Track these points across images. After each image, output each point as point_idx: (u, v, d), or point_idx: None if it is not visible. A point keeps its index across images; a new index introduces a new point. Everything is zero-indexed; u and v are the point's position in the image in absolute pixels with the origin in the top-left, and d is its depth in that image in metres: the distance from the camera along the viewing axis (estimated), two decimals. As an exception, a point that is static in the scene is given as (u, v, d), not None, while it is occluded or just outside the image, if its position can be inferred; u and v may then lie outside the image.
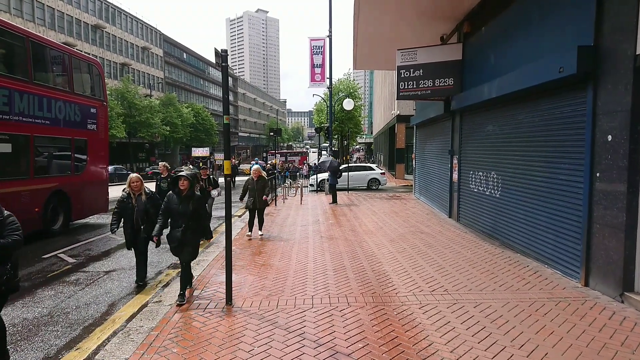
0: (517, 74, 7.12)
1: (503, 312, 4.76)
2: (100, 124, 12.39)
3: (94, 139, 12.09)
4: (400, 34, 12.54)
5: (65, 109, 10.73)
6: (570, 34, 5.95)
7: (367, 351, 3.86)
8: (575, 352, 3.79)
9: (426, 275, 6.23)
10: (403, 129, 30.42)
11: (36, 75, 9.88)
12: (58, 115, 10.49)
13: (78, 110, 11.29)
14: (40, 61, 10.44)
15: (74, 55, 11.60)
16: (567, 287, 5.60)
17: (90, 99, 12.04)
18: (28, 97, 9.41)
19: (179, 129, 50.23)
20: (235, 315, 4.81)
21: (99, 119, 12.27)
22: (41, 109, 9.89)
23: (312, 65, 21.91)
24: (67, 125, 10.87)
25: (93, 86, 12.45)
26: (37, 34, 10.72)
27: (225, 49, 4.81)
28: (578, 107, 5.89)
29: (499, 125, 8.59)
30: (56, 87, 10.72)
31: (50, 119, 10.21)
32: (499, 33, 8.49)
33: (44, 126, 10.01)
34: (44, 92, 9.99)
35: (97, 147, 12.29)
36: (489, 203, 9.03)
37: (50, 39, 11.33)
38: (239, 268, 6.73)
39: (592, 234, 5.51)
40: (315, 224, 11.12)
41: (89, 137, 11.82)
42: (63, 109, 10.66)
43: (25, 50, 9.52)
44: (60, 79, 11.28)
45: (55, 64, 11.11)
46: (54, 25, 40.44)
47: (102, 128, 12.55)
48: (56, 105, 10.38)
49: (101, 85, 12.73)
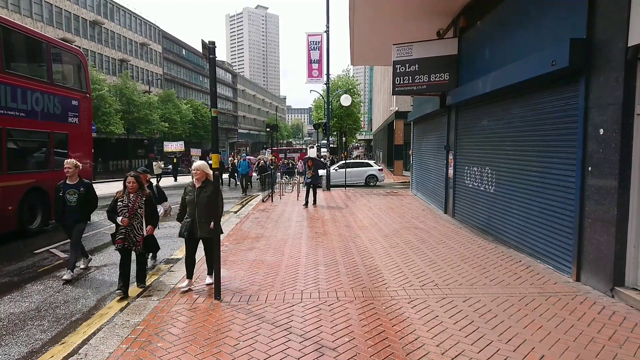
0: (511, 68, 7.07)
1: (492, 306, 4.73)
2: (83, 117, 11.73)
3: (76, 133, 11.44)
4: (396, 29, 12.46)
5: (43, 101, 10.10)
6: (564, 27, 5.89)
7: (352, 345, 3.83)
8: (562, 347, 3.76)
9: (417, 270, 6.20)
10: (401, 125, 30.38)
11: (8, 64, 9.23)
12: (35, 107, 9.86)
13: (58, 102, 10.64)
14: (14, 48, 9.79)
15: (53, 44, 10.86)
16: (558, 282, 5.57)
17: (72, 91, 11.40)
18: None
19: (178, 125, 50.14)
20: (222, 310, 4.78)
21: (81, 111, 11.62)
22: (15, 100, 9.23)
23: (310, 60, 21.81)
24: (45, 118, 10.24)
25: (75, 77, 11.79)
26: (10, 19, 10.05)
27: (212, 41, 4.76)
28: (570, 100, 5.84)
29: (494, 120, 8.54)
30: (33, 77, 10.06)
31: (26, 111, 9.59)
32: (494, 27, 8.43)
33: (18, 118, 9.38)
34: (17, 82, 9.32)
35: (80, 142, 11.64)
36: (483, 198, 8.99)
37: (26, 26, 10.60)
38: (230, 263, 6.70)
39: (584, 229, 5.47)
40: (310, 219, 11.09)
41: (71, 130, 11.21)
42: (40, 101, 10.02)
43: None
44: (38, 68, 10.62)
45: (32, 52, 10.43)
46: (52, 21, 40.28)
47: (85, 121, 11.89)
48: (32, 96, 9.75)
49: (84, 76, 12.04)
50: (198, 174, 5.47)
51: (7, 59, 9.25)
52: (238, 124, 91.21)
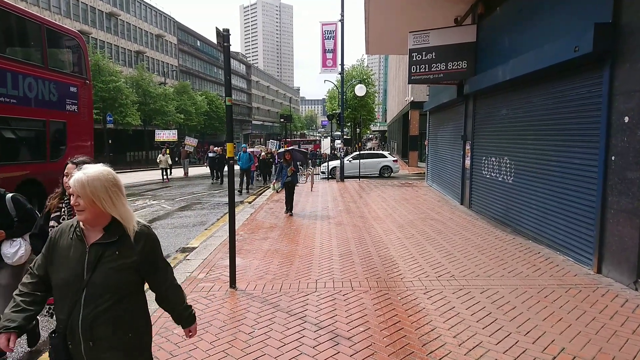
0: (532, 55, 6.87)
1: (510, 298, 4.64)
2: (83, 105, 10.91)
3: (75, 121, 10.64)
4: (412, 16, 12.24)
5: (37, 87, 9.34)
6: (588, 12, 5.68)
7: (368, 335, 3.81)
8: (583, 339, 3.67)
9: (433, 261, 6.13)
10: (417, 115, 30.00)
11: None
12: (28, 94, 9.11)
13: (54, 88, 9.84)
14: (3, 29, 9.11)
15: (48, 26, 10.03)
16: (578, 274, 5.44)
17: (70, 76, 10.60)
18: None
19: (193, 117, 50.47)
20: (238, 298, 4.80)
21: (80, 99, 10.82)
22: (3, 85, 8.48)
23: (324, 50, 21.62)
24: (40, 105, 9.47)
25: (74, 62, 11.01)
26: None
27: (227, 28, 4.72)
28: (593, 87, 5.66)
29: (513, 109, 8.35)
30: (24, 61, 9.32)
31: (17, 97, 8.84)
32: (514, 13, 8.19)
33: (8, 105, 8.65)
34: (6, 66, 8.59)
35: (79, 131, 10.89)
36: (501, 189, 8.82)
37: (18, 6, 9.62)
38: (245, 252, 6.72)
39: (606, 220, 5.32)
40: (324, 210, 11.07)
41: (69, 119, 10.42)
42: (34, 87, 9.27)
43: None
44: (31, 51, 9.89)
45: (24, 34, 9.72)
46: (69, 14, 40.73)
47: (85, 109, 11.08)
48: (25, 81, 8.99)
49: (84, 61, 11.22)
50: (80, 204, 1.84)
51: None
52: (252, 115, 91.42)
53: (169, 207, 12.59)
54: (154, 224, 9.71)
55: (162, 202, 13.64)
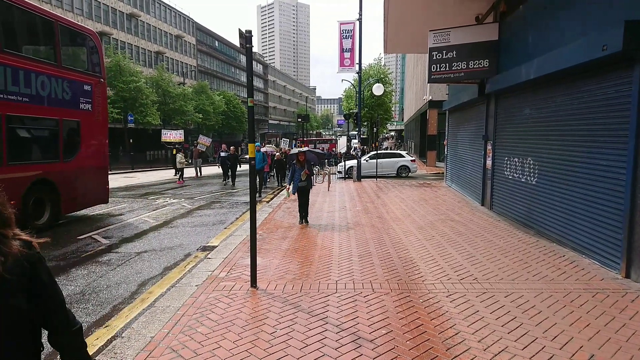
0: (557, 54, 6.72)
1: (536, 302, 4.55)
2: (97, 104, 10.70)
3: (89, 120, 10.45)
4: (432, 15, 12.11)
5: (50, 85, 9.14)
6: (617, 9, 5.53)
7: (390, 337, 3.78)
8: (614, 346, 3.57)
9: (455, 264, 6.05)
10: (435, 114, 29.70)
11: (9, 43, 8.35)
12: (40, 92, 8.92)
13: (67, 86, 9.64)
14: (16, 26, 8.90)
15: (62, 23, 9.74)
16: (605, 278, 5.30)
17: (84, 75, 10.35)
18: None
19: (211, 116, 50.97)
20: (259, 297, 4.83)
21: (94, 97, 10.58)
22: (16, 84, 8.29)
23: (342, 49, 21.56)
24: (53, 104, 9.28)
25: (88, 60, 10.76)
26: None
27: (249, 30, 4.74)
28: (622, 87, 5.49)
29: (537, 109, 8.18)
30: (37, 59, 9.10)
31: (30, 96, 8.65)
32: (538, 10, 8.02)
33: (21, 104, 8.47)
34: (19, 64, 8.36)
35: (93, 130, 10.69)
36: (524, 190, 8.66)
37: (32, 3, 9.18)
38: (264, 252, 6.75)
39: (635, 223, 5.17)
40: (341, 210, 11.05)
41: (83, 118, 10.22)
42: (47, 85, 9.08)
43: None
44: (44, 49, 9.72)
45: (37, 32, 9.53)
46: (91, 15, 41.60)
47: (100, 108, 10.85)
48: (37, 80, 8.80)
49: (98, 59, 10.95)
50: None
51: (8, 37, 8.42)
52: (269, 115, 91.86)
53: (189, 205, 12.74)
54: (174, 223, 9.85)
55: (182, 200, 13.81)
